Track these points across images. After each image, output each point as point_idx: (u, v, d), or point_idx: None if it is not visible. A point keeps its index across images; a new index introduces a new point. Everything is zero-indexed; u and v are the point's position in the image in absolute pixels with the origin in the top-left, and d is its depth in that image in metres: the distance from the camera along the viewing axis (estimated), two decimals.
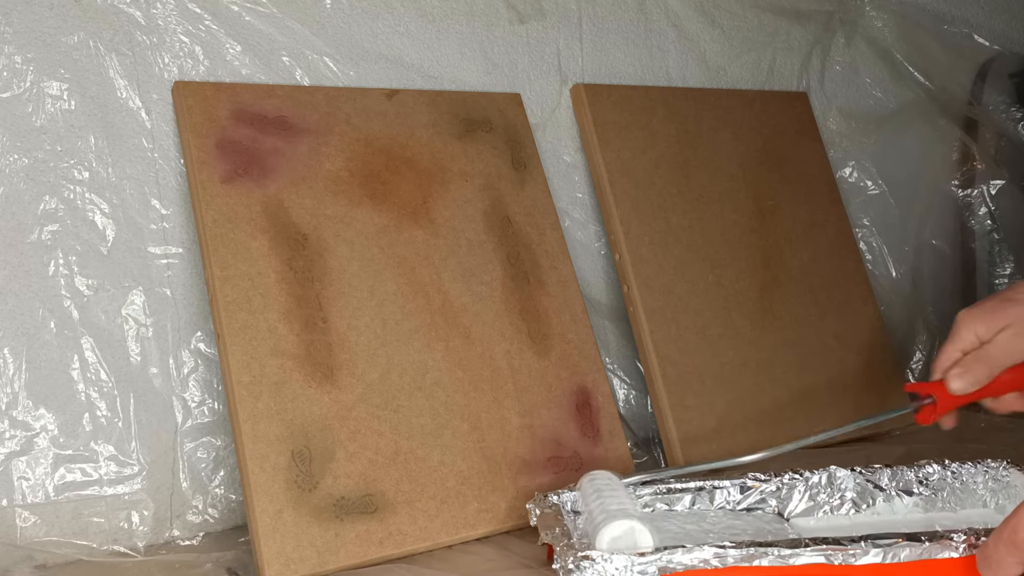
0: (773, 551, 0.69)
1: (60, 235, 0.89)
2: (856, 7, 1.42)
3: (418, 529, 0.88)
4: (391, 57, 1.05)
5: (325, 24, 1.01)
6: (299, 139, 0.96)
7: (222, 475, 0.95)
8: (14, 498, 0.86)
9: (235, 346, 0.86)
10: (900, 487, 0.89)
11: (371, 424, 0.89)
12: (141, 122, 0.92)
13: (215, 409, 0.95)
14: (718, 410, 1.11)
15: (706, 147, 1.22)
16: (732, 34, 1.31)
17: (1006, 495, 0.88)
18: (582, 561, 0.69)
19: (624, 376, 1.19)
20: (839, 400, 1.21)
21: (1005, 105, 1.49)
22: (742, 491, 0.89)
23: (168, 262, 0.93)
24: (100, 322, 0.90)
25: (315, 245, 0.93)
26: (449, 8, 1.09)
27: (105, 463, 0.90)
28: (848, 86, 1.43)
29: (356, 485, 0.87)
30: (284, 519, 0.83)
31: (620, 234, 1.12)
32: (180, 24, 0.94)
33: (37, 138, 0.88)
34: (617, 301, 1.18)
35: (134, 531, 0.90)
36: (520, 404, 0.98)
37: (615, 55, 1.21)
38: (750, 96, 1.31)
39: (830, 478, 0.89)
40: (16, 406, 0.86)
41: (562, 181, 1.16)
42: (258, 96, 0.96)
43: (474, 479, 0.92)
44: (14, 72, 0.87)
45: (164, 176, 0.93)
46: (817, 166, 1.33)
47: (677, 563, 0.69)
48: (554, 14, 1.17)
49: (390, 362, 0.92)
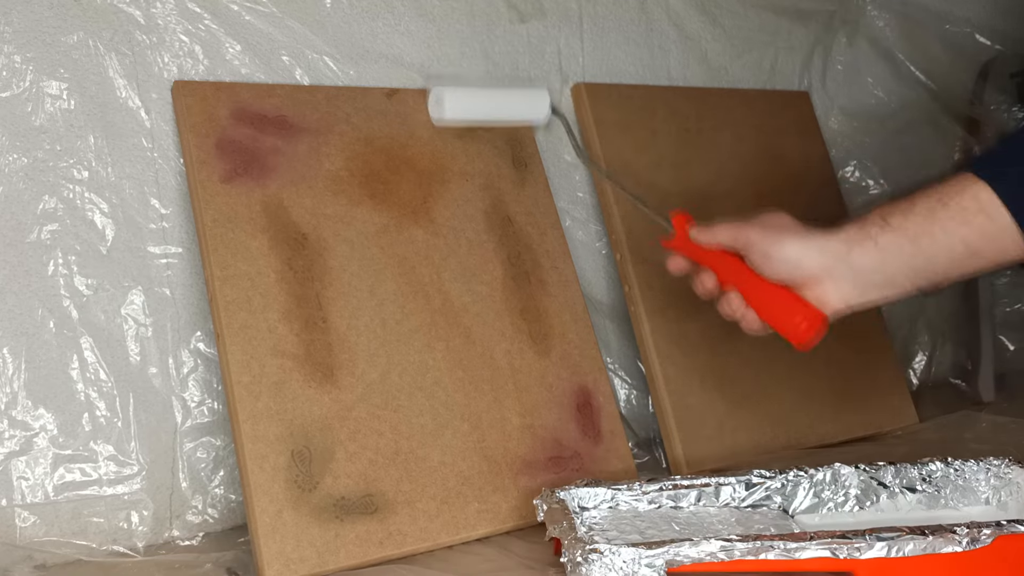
0: (779, 544, 0.69)
1: (60, 235, 0.89)
2: (858, 6, 1.42)
3: (418, 529, 0.87)
4: (391, 56, 1.05)
5: (325, 23, 1.01)
6: (299, 138, 0.96)
7: (222, 475, 0.95)
8: (13, 498, 0.86)
9: (235, 346, 0.86)
10: (903, 484, 0.89)
11: (371, 424, 0.89)
12: (141, 121, 0.92)
13: (215, 409, 0.95)
14: (719, 410, 1.10)
15: (707, 146, 1.22)
16: (733, 33, 1.31)
17: (1008, 492, 0.89)
18: (590, 554, 0.69)
19: (625, 376, 1.18)
20: (840, 400, 1.20)
21: (1007, 104, 1.49)
22: (747, 488, 0.88)
23: (168, 262, 0.93)
24: (99, 322, 0.90)
25: (315, 245, 0.93)
26: (449, 7, 1.09)
27: (104, 463, 0.89)
28: (850, 85, 1.42)
29: (356, 485, 0.86)
30: (284, 519, 0.82)
31: (621, 233, 1.12)
32: (180, 23, 0.94)
33: (37, 138, 0.88)
34: (618, 301, 1.18)
35: (134, 531, 0.90)
36: (521, 404, 0.97)
37: (616, 54, 1.21)
38: (751, 95, 1.30)
39: (834, 475, 0.89)
40: (15, 406, 0.86)
41: (563, 180, 1.16)
42: (258, 95, 0.96)
43: (474, 479, 0.92)
44: (14, 71, 0.87)
45: (164, 176, 0.93)
46: (818, 165, 1.33)
47: (684, 556, 0.69)
48: (555, 13, 1.16)
49: (390, 362, 0.92)
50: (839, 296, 0.81)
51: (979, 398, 1.40)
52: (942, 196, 0.77)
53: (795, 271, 0.81)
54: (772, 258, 0.82)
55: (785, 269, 0.81)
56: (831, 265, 0.80)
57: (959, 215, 0.76)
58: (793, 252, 0.81)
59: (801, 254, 0.81)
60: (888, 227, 0.78)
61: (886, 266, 0.79)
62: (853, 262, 0.79)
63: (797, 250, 0.81)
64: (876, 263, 0.79)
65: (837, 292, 0.81)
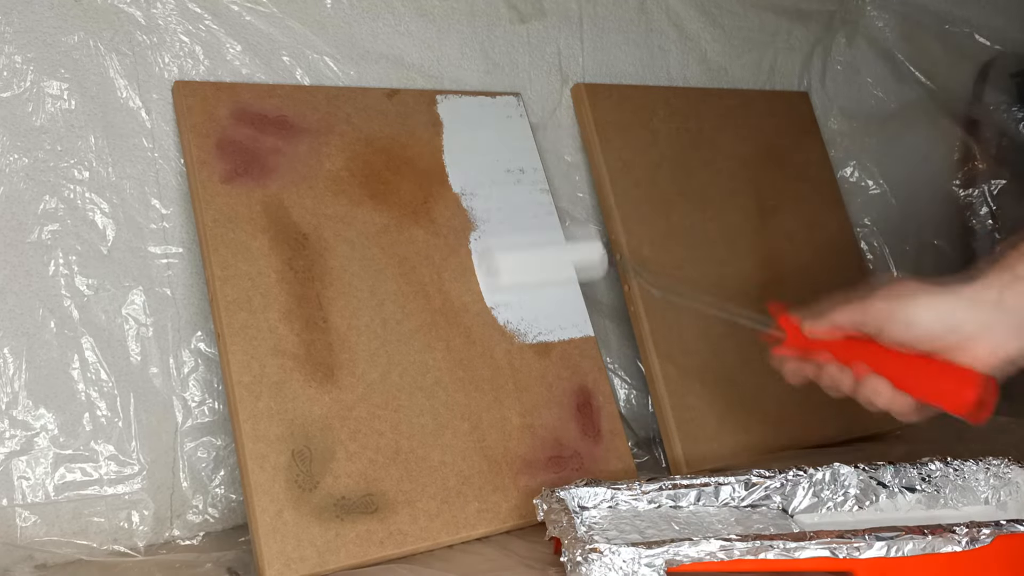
0: (778, 544, 0.69)
1: (60, 235, 0.89)
2: (857, 7, 1.42)
3: (419, 529, 0.87)
4: (392, 57, 1.05)
5: (326, 24, 1.01)
6: (299, 139, 0.96)
7: (222, 475, 0.95)
8: (14, 498, 0.86)
9: (235, 346, 0.86)
10: (903, 484, 0.89)
11: (371, 424, 0.89)
12: (141, 122, 0.92)
13: (215, 409, 0.95)
14: (719, 409, 1.10)
15: (707, 147, 1.22)
16: (733, 34, 1.32)
17: (1007, 492, 0.89)
18: (590, 554, 0.69)
19: (625, 376, 1.18)
20: (840, 400, 1.20)
21: (1006, 105, 1.49)
22: (747, 487, 0.88)
23: (168, 262, 0.93)
24: (100, 322, 0.90)
25: (315, 245, 0.93)
26: (450, 8, 1.09)
27: (105, 463, 0.89)
28: (849, 86, 1.43)
29: (356, 485, 0.86)
30: (284, 519, 0.82)
31: (621, 234, 1.12)
32: (180, 24, 0.94)
33: (37, 138, 0.88)
34: (618, 301, 1.18)
35: (134, 531, 0.90)
36: (521, 404, 0.97)
37: (616, 55, 1.21)
38: (751, 96, 1.30)
39: (834, 475, 0.89)
40: (16, 406, 0.86)
41: (563, 181, 1.16)
42: (258, 96, 0.96)
43: (475, 479, 0.92)
44: (14, 72, 0.87)
45: (164, 176, 0.93)
46: (818, 166, 1.33)
47: (684, 556, 0.69)
48: (555, 14, 1.17)
49: (391, 362, 0.92)
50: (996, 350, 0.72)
51: None
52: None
53: (949, 333, 0.72)
54: (918, 324, 0.73)
55: (938, 331, 0.72)
56: (986, 317, 0.72)
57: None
58: (940, 311, 0.72)
59: (952, 309, 0.72)
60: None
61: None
62: (1009, 307, 0.71)
63: (946, 307, 0.72)
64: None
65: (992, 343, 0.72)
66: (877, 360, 0.75)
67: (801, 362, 0.80)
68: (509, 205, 1.05)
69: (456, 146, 1.05)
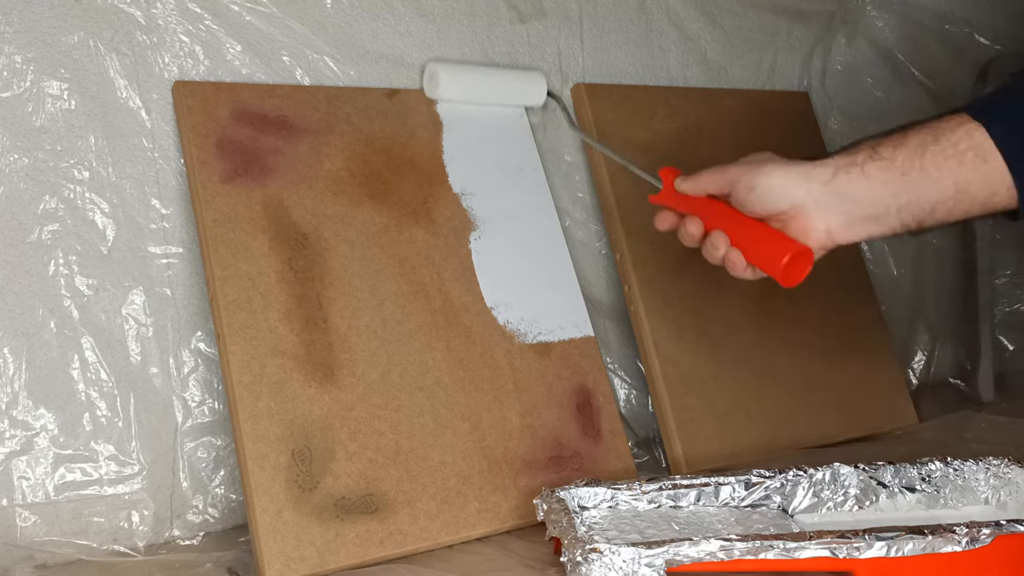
0: (778, 544, 0.69)
1: (60, 235, 0.89)
2: (857, 7, 1.42)
3: (419, 529, 0.87)
4: (392, 57, 1.05)
5: (326, 24, 1.01)
6: (299, 139, 0.96)
7: (222, 475, 0.95)
8: (14, 498, 0.86)
9: (235, 346, 0.86)
10: (903, 484, 0.89)
11: (372, 424, 0.89)
12: (141, 122, 0.92)
13: (215, 409, 0.95)
14: (719, 410, 1.10)
15: (707, 147, 1.22)
16: (733, 34, 1.32)
17: (1007, 492, 0.89)
18: (590, 554, 0.69)
19: (625, 376, 1.18)
20: (840, 400, 1.20)
21: None
22: (747, 487, 0.88)
23: (168, 262, 0.93)
24: (100, 322, 0.90)
25: (316, 245, 0.93)
26: (449, 7, 1.09)
27: (105, 463, 0.89)
28: (849, 86, 1.43)
29: (356, 485, 0.86)
30: (284, 519, 0.82)
31: (621, 233, 1.12)
32: (180, 24, 0.94)
33: (37, 138, 0.88)
34: (618, 301, 1.18)
35: (134, 531, 0.90)
36: (521, 404, 0.98)
37: (616, 55, 1.21)
38: (751, 96, 1.30)
39: (834, 475, 0.89)
40: (16, 406, 0.86)
41: (563, 181, 1.16)
42: (258, 96, 0.96)
43: (475, 479, 0.92)
44: (14, 72, 0.87)
45: (164, 176, 0.93)
46: None
47: (684, 556, 0.69)
48: (555, 14, 1.17)
49: (391, 362, 0.92)
50: (824, 226, 0.78)
51: (979, 398, 1.41)
52: (935, 132, 0.75)
53: (780, 200, 0.79)
54: (755, 189, 0.79)
55: (770, 199, 0.79)
56: (816, 191, 0.77)
57: (951, 152, 0.74)
58: (777, 180, 0.78)
59: (785, 181, 0.78)
60: (877, 156, 0.76)
61: (872, 196, 0.76)
62: (839, 188, 0.77)
63: (781, 178, 0.78)
64: (862, 192, 0.76)
65: (823, 221, 0.78)
66: (722, 218, 0.83)
67: (669, 211, 0.89)
68: (509, 205, 1.06)
69: (456, 146, 1.05)
